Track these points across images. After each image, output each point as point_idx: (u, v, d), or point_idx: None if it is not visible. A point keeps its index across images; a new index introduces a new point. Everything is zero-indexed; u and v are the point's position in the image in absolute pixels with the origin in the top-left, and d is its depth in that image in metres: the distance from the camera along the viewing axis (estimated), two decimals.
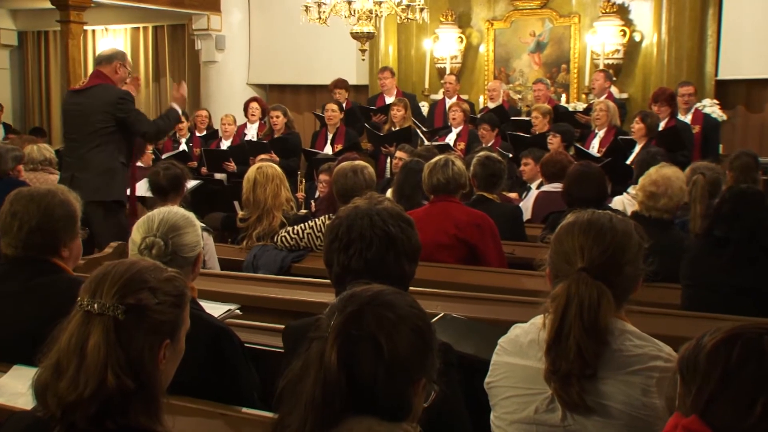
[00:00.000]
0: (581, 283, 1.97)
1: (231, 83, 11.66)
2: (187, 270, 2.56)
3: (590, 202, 4.11)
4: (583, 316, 1.94)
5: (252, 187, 4.81)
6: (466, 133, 8.43)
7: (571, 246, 2.05)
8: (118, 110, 5.57)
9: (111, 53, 5.79)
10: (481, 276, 4.13)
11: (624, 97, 9.34)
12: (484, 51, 10.45)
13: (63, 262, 2.78)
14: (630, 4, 9.56)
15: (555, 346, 1.97)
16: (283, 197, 4.85)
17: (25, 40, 14.31)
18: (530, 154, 6.63)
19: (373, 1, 7.43)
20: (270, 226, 4.78)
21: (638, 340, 2.02)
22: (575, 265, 2.01)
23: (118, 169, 5.66)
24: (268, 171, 4.84)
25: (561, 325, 1.97)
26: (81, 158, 5.60)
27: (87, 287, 1.71)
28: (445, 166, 4.43)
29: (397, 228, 2.19)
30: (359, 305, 1.51)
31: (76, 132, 5.68)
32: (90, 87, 5.63)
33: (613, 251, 2.04)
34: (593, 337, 1.94)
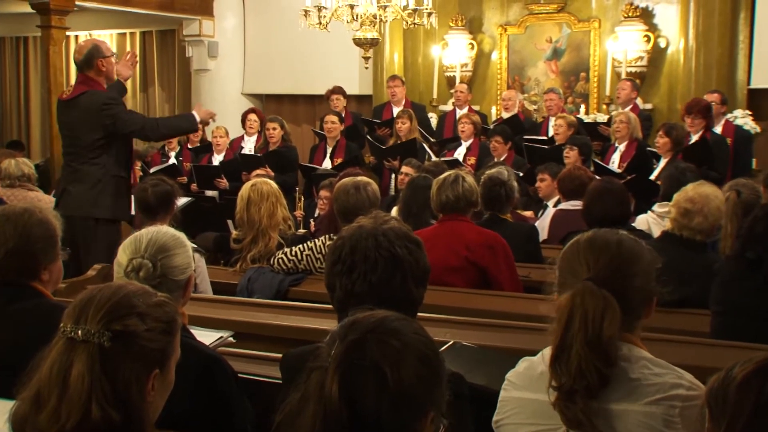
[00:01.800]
0: (586, 292, 1.99)
1: (224, 93, 11.71)
2: (178, 294, 2.57)
3: (612, 222, 4.12)
4: (587, 328, 1.96)
5: (246, 206, 4.82)
6: (477, 146, 8.45)
7: (577, 259, 2.09)
8: (105, 117, 5.48)
9: (86, 54, 5.59)
10: (494, 301, 4.13)
11: (648, 107, 9.36)
12: (497, 58, 10.50)
13: (42, 286, 2.79)
14: (654, 7, 9.61)
15: (558, 360, 1.99)
16: (280, 216, 4.87)
17: (3, 47, 14.40)
18: (546, 169, 6.63)
19: (378, 5, 7.47)
20: (266, 247, 4.79)
21: (657, 367, 2.03)
22: (581, 277, 2.04)
23: (109, 183, 5.57)
24: (263, 188, 4.85)
25: (564, 337, 1.98)
26: (75, 171, 5.57)
27: (70, 312, 1.72)
28: (454, 183, 4.44)
29: (404, 249, 2.20)
30: (362, 333, 1.50)
31: (70, 144, 5.65)
32: (76, 96, 5.55)
33: (620, 262, 2.07)
34: (597, 350, 1.96)
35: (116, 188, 5.62)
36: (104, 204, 5.56)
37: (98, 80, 5.59)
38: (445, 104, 10.36)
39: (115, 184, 5.61)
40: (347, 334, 1.51)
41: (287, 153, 8.51)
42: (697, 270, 3.78)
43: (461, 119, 8.63)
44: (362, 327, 1.52)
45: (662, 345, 2.13)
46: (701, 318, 3.64)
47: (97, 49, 5.61)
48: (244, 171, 8.14)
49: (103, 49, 5.65)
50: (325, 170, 8.08)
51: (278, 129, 8.58)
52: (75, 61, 5.66)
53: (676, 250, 3.88)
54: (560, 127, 7.98)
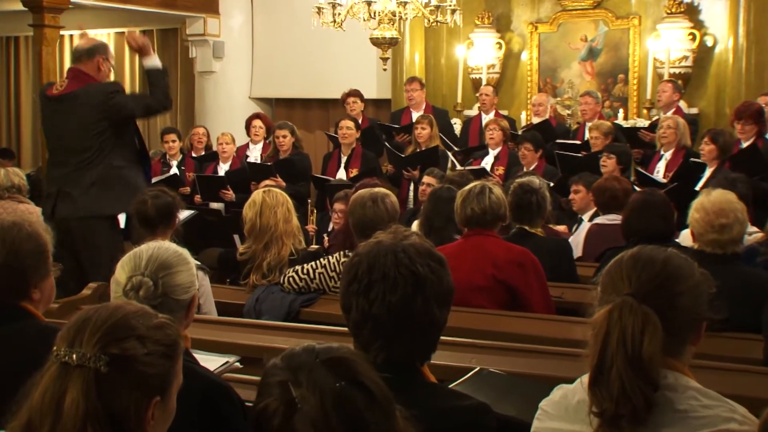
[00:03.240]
0: (625, 308, 1.99)
1: (231, 97, 11.77)
2: (180, 315, 2.58)
3: (654, 237, 4.10)
4: (626, 345, 1.95)
5: (259, 211, 4.82)
6: (505, 154, 8.44)
7: (619, 275, 2.08)
8: (112, 109, 5.50)
9: (91, 46, 5.67)
10: (524, 323, 4.12)
11: (694, 112, 9.32)
12: (527, 59, 10.50)
13: (33, 305, 2.79)
14: (700, 2, 9.57)
15: (597, 383, 1.98)
16: (294, 224, 4.88)
17: None
18: (581, 179, 6.61)
19: (397, 2, 7.50)
20: (279, 255, 4.79)
21: (706, 399, 2.01)
22: (622, 294, 2.03)
23: (116, 177, 5.57)
24: (278, 194, 4.88)
25: (602, 357, 1.97)
26: (69, 173, 5.58)
27: (64, 335, 1.73)
28: (480, 194, 4.44)
29: (426, 267, 2.20)
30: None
31: (62, 145, 5.65)
32: (72, 91, 5.56)
33: (664, 278, 2.06)
34: (638, 370, 1.94)
35: (126, 180, 5.59)
36: (111, 200, 5.55)
37: (93, 77, 5.63)
38: (470, 109, 10.36)
39: (123, 177, 5.59)
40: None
41: (299, 162, 8.52)
42: (735, 288, 3.75)
43: (488, 125, 8.62)
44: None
45: (710, 373, 2.11)
46: (752, 343, 3.61)
47: (104, 47, 5.72)
48: (252, 181, 8.16)
49: (109, 52, 5.77)
50: (339, 181, 8.08)
51: (289, 136, 8.58)
52: (75, 49, 5.71)
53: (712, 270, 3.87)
54: (596, 139, 7.94)
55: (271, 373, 1.67)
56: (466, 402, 2.18)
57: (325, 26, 7.76)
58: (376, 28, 7.68)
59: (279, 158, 8.55)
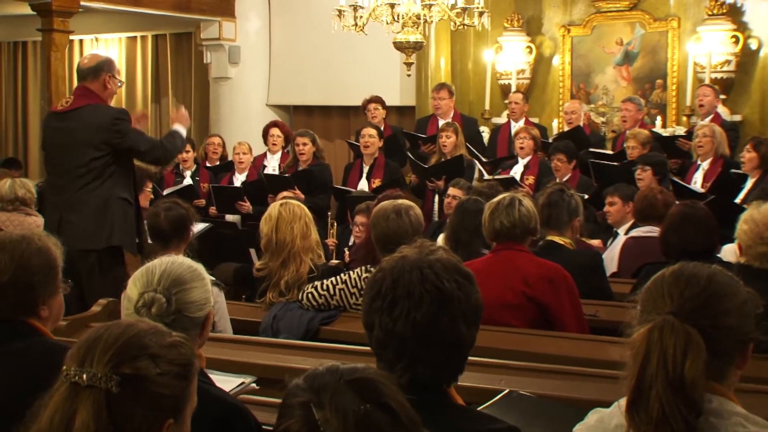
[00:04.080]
0: (666, 327, 1.97)
1: (247, 104, 11.79)
2: (194, 334, 2.60)
3: (695, 253, 4.08)
4: (666, 367, 1.94)
5: (275, 226, 4.84)
6: (535, 164, 8.42)
7: (660, 292, 2.07)
8: (115, 135, 5.56)
9: (96, 64, 5.72)
10: (556, 343, 4.11)
11: (736, 119, 9.26)
12: (559, 63, 10.49)
13: (41, 323, 2.82)
14: (743, 3, 9.51)
15: (635, 407, 1.96)
16: (313, 239, 4.89)
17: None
18: (616, 191, 6.59)
19: (422, 4, 7.51)
20: (297, 272, 4.81)
21: (753, 426, 1.99)
22: (663, 312, 2.02)
23: (116, 208, 5.63)
24: (295, 207, 4.88)
25: (641, 379, 1.96)
26: (70, 198, 5.60)
27: (74, 354, 1.74)
28: (510, 207, 4.43)
29: (453, 284, 2.20)
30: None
31: (61, 164, 5.67)
32: (77, 108, 5.61)
33: (709, 296, 2.05)
34: (680, 394, 1.93)
35: (123, 212, 5.67)
36: (113, 231, 5.60)
37: (99, 95, 5.67)
38: (498, 117, 10.35)
39: (121, 208, 5.66)
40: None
41: (319, 172, 8.53)
42: None
43: (518, 133, 8.60)
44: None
45: (757, 397, 2.09)
46: None
47: (109, 63, 5.75)
48: (270, 193, 8.19)
49: (115, 68, 5.80)
50: (361, 192, 8.09)
51: (309, 145, 8.60)
52: (79, 67, 5.73)
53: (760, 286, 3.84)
54: (634, 149, 7.90)
55: (293, 394, 1.67)
56: (495, 425, 2.17)
57: (346, 30, 7.77)
58: (399, 32, 7.69)
59: (298, 168, 8.57)
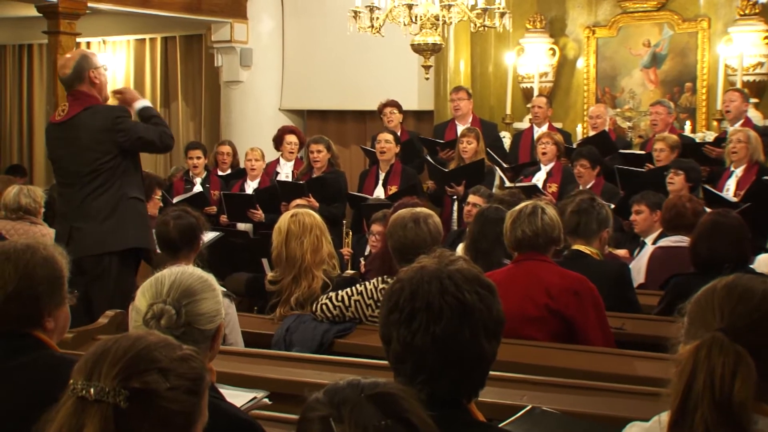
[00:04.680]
0: (714, 345, 1.95)
1: (259, 109, 11.82)
2: (205, 347, 2.60)
3: (726, 263, 4.07)
4: (714, 388, 1.92)
5: (284, 240, 4.87)
6: (559, 170, 8.41)
7: (710, 306, 2.06)
8: (119, 134, 5.55)
9: (75, 68, 5.64)
10: (581, 358, 4.10)
11: None
12: (583, 66, 10.48)
13: (47, 335, 2.82)
14: None
15: (678, 426, 1.95)
16: (325, 252, 4.90)
17: (3, 56, 14.77)
18: (643, 199, 6.58)
19: (441, 5, 7.52)
20: (309, 288, 4.82)
21: None
22: (712, 328, 2.00)
23: (129, 207, 5.62)
24: (305, 219, 4.89)
25: (686, 398, 1.95)
26: (79, 206, 5.61)
27: (82, 367, 1.75)
28: (532, 215, 4.42)
29: (474, 295, 2.20)
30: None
31: (70, 174, 5.68)
32: (75, 115, 5.60)
33: (763, 314, 2.03)
34: (727, 416, 1.91)
35: (137, 211, 5.67)
36: (128, 232, 5.59)
37: (92, 94, 5.66)
38: (520, 122, 10.34)
39: (133, 207, 5.65)
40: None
41: (334, 180, 8.54)
42: None
43: (540, 139, 8.60)
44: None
45: None
46: None
47: (86, 60, 5.70)
48: (283, 201, 8.20)
49: (93, 59, 5.75)
50: (377, 200, 8.09)
51: (324, 152, 8.60)
52: (61, 77, 5.71)
53: None
54: (662, 151, 7.90)
55: (312, 408, 1.67)
56: None
57: (362, 32, 7.78)
58: (417, 34, 7.69)
59: (312, 175, 8.58)
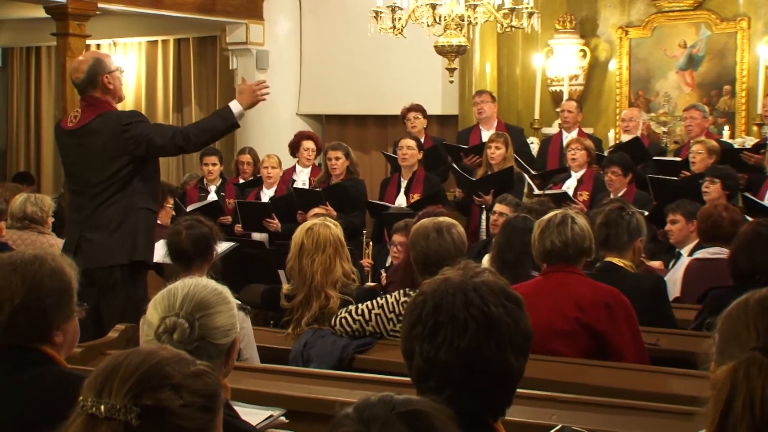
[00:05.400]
0: (753, 366, 1.94)
1: (276, 114, 11.81)
2: (219, 362, 2.61)
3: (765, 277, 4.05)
4: (753, 411, 1.91)
5: (298, 254, 4.89)
6: (590, 178, 8.40)
7: (744, 323, 2.04)
8: (129, 142, 5.51)
9: (88, 72, 5.60)
10: (613, 375, 4.09)
11: None
12: (616, 68, 10.46)
13: (55, 350, 2.82)
14: None
15: None
16: (338, 272, 4.90)
17: (11, 59, 14.87)
18: (679, 208, 6.55)
19: (466, 4, 7.52)
20: (321, 311, 4.83)
21: None
22: (747, 347, 1.99)
23: (138, 218, 5.61)
24: (321, 234, 4.90)
25: (723, 422, 1.94)
26: (89, 216, 5.60)
27: (91, 383, 1.76)
28: (562, 225, 4.42)
29: (500, 309, 2.20)
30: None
31: (81, 182, 5.69)
32: (87, 123, 5.59)
33: None
34: None
35: (147, 224, 5.66)
36: (135, 244, 5.58)
37: (106, 100, 5.64)
38: (549, 127, 10.34)
39: (145, 218, 5.65)
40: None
41: (353, 188, 8.54)
42: None
43: (570, 145, 8.59)
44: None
45: None
46: None
47: (99, 64, 5.64)
48: (300, 209, 8.22)
49: (107, 63, 5.70)
50: (399, 209, 8.09)
51: (342, 159, 8.59)
52: (74, 81, 5.68)
53: None
54: (698, 154, 7.88)
55: (341, 424, 1.68)
56: None
57: (384, 33, 7.79)
58: (441, 35, 7.70)
59: (330, 183, 8.59)
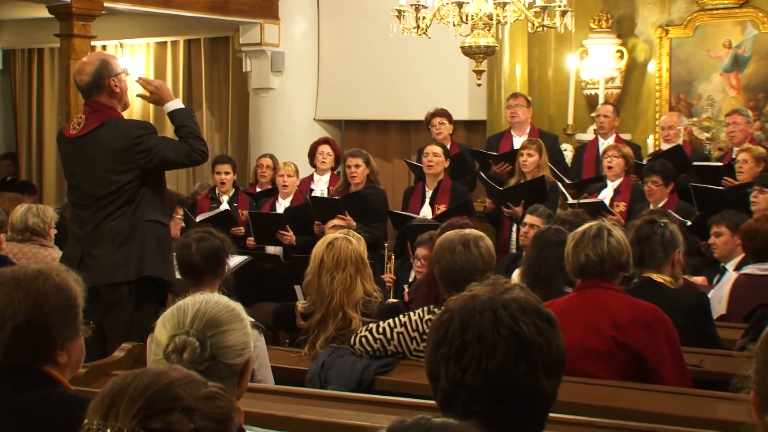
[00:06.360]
0: None
1: (292, 119, 11.86)
2: (232, 383, 2.61)
3: None
4: None
5: (317, 270, 4.90)
6: (627, 187, 8.38)
7: None
8: (140, 156, 5.50)
9: (94, 75, 5.57)
10: (652, 398, 4.07)
11: None
12: (655, 70, 10.43)
13: (59, 371, 2.84)
14: None
15: None
16: (359, 293, 4.91)
17: (12, 61, 14.97)
18: (724, 219, 6.54)
19: (494, 3, 7.52)
20: (338, 331, 4.85)
21: None
22: None
23: (147, 231, 5.58)
24: (342, 251, 4.92)
25: None
26: (93, 230, 5.59)
27: (97, 405, 1.77)
28: (597, 238, 4.41)
29: (532, 327, 2.20)
30: None
31: (84, 195, 5.67)
32: (92, 131, 5.57)
33: None
34: None
35: (156, 237, 5.64)
36: (143, 258, 5.56)
37: (112, 106, 5.62)
38: (583, 132, 10.31)
39: (153, 231, 5.62)
40: None
41: (373, 197, 8.54)
42: None
43: (607, 152, 8.57)
44: None
45: None
46: None
47: (106, 66, 5.61)
48: (317, 219, 8.22)
49: (114, 65, 5.67)
50: (423, 220, 8.08)
51: (363, 166, 8.60)
52: (78, 84, 5.66)
53: None
54: (745, 163, 7.85)
55: None
56: None
57: (407, 33, 7.80)
58: (468, 35, 7.70)
59: (350, 192, 8.59)
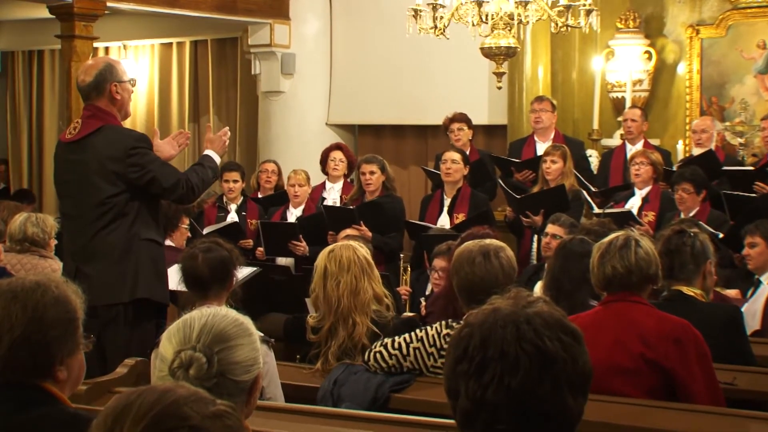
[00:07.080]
0: None
1: (303, 124, 11.87)
2: (240, 401, 2.61)
3: None
4: None
5: (321, 280, 4.92)
6: (656, 195, 8.36)
7: None
8: (131, 169, 5.53)
9: (96, 77, 5.62)
10: (683, 418, 4.07)
11: None
12: (685, 72, 10.42)
13: (58, 387, 2.85)
14: None
15: None
16: (369, 295, 4.91)
17: (12, 64, 15.04)
18: (758, 229, 6.52)
19: (516, 1, 7.51)
20: (350, 338, 4.84)
21: None
22: None
23: (141, 251, 5.62)
24: (344, 255, 4.93)
25: None
26: (86, 245, 5.62)
27: (100, 424, 1.77)
28: (624, 248, 4.40)
29: (556, 343, 2.19)
30: None
31: (75, 205, 5.70)
32: (87, 135, 5.60)
33: None
34: None
35: (151, 257, 5.68)
36: (137, 280, 5.60)
37: (110, 112, 5.64)
38: (610, 137, 10.30)
39: (147, 251, 5.66)
40: None
41: (389, 206, 8.52)
42: None
43: (634, 158, 8.55)
44: None
45: None
46: None
47: (110, 71, 5.65)
48: (330, 230, 8.22)
49: (119, 71, 5.70)
50: (441, 230, 8.09)
51: (378, 173, 8.59)
52: (79, 85, 5.70)
53: None
54: None
55: None
56: None
57: (423, 33, 7.80)
58: (488, 35, 7.69)
59: (364, 200, 8.59)
